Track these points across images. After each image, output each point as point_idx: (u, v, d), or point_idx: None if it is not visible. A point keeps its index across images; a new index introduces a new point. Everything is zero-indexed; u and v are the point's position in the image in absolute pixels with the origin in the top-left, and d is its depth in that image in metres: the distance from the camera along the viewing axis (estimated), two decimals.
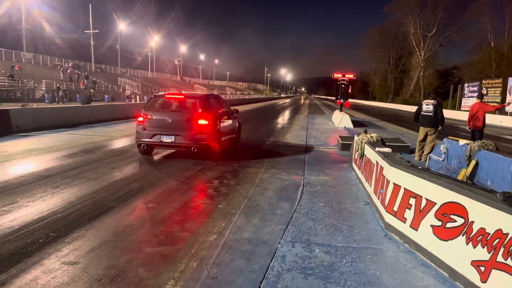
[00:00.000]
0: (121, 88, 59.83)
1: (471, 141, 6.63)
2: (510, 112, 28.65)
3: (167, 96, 9.70)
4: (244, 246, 3.93)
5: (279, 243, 4.06)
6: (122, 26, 69.59)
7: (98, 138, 11.90)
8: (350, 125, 19.15)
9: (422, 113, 9.93)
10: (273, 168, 8.26)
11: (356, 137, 7.31)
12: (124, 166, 7.89)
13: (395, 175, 4.40)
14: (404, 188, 4.16)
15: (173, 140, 8.69)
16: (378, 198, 5.03)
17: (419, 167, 4.18)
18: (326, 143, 12.78)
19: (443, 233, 3.46)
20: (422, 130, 9.93)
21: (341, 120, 19.64)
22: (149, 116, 8.93)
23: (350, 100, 65.14)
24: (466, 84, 38.36)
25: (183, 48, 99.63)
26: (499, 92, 30.83)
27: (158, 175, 7.17)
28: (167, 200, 5.49)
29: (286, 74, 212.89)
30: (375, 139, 6.52)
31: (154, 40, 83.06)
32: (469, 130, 10.73)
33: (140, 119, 8.99)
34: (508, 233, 2.73)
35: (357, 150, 6.80)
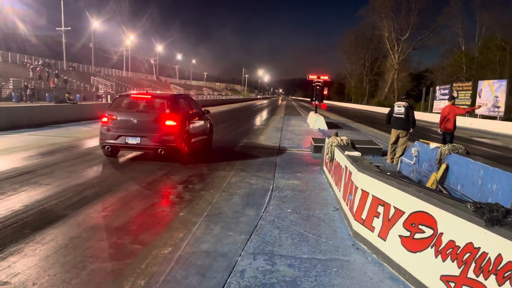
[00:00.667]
0: (94, 87, 58.29)
1: (442, 145, 6.52)
2: (479, 115, 29.34)
3: (133, 96, 9.27)
4: (201, 260, 3.62)
5: (240, 255, 3.76)
6: (96, 24, 67.92)
7: (61, 139, 11.31)
8: (325, 127, 19.08)
9: (393, 115, 9.86)
10: (243, 171, 7.97)
11: (326, 140, 7.10)
12: (84, 170, 7.43)
13: (363, 181, 4.18)
14: (372, 195, 3.94)
15: (139, 142, 8.29)
16: (347, 204, 4.81)
17: (388, 173, 3.97)
18: (299, 145, 12.58)
19: (412, 244, 3.24)
20: (394, 133, 9.85)
21: (315, 121, 19.55)
22: (114, 117, 8.49)
23: (326, 102, 65.59)
24: (437, 87, 39.15)
25: (159, 48, 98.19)
26: (469, 95, 31.55)
27: (119, 179, 6.76)
28: (124, 208, 5.11)
29: (263, 75, 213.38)
30: (345, 142, 6.32)
31: (130, 39, 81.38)
32: (440, 132, 10.72)
33: (104, 119, 8.55)
34: (479, 247, 2.53)
35: (327, 154, 6.59)
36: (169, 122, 8.39)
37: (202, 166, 8.35)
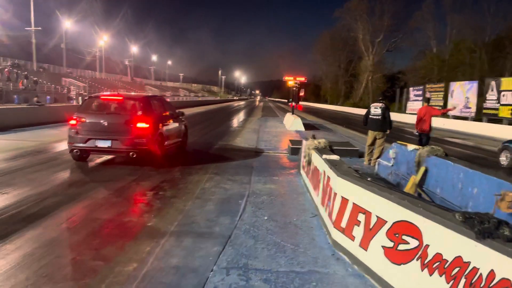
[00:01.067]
0: (66, 89, 56.58)
1: (420, 147, 6.41)
2: (452, 115, 29.98)
3: (103, 97, 8.83)
4: (169, 277, 3.31)
5: (212, 270, 3.47)
6: (68, 24, 66.05)
7: (26, 144, 10.70)
8: (302, 128, 18.96)
9: (370, 116, 9.76)
10: (218, 175, 7.67)
11: (304, 142, 6.89)
12: (48, 177, 6.96)
13: (343, 187, 3.97)
14: (353, 203, 3.73)
15: (110, 145, 7.88)
16: (326, 211, 4.59)
17: (369, 179, 3.76)
18: (276, 147, 12.37)
19: (395, 256, 3.03)
20: (371, 134, 9.75)
21: (292, 123, 19.42)
22: (83, 119, 8.06)
23: (303, 103, 65.57)
24: (411, 88, 39.90)
25: (134, 48, 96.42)
26: (442, 96, 32.23)
27: (85, 186, 6.34)
28: (87, 219, 4.73)
29: (240, 77, 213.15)
30: (323, 145, 6.12)
31: (104, 40, 79.50)
32: (417, 133, 10.74)
33: (73, 122, 8.10)
34: (469, 262, 2.33)
35: (305, 157, 6.38)
36: (141, 125, 8.02)
37: (176, 170, 8.00)
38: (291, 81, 22.94)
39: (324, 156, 5.07)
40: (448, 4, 53.17)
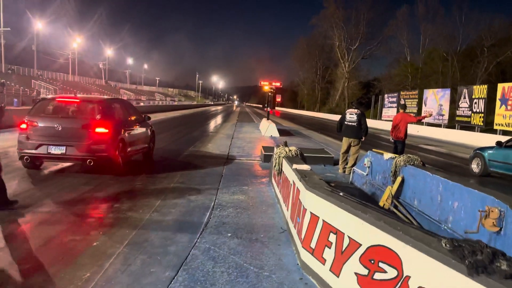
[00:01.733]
0: (35, 91, 54.58)
1: (396, 155, 6.07)
2: (425, 122, 30.33)
3: (58, 99, 8.16)
4: None
5: None
6: (40, 25, 63.95)
7: None
8: (277, 134, 18.60)
9: (345, 123, 9.45)
10: (184, 184, 7.14)
11: (275, 150, 6.45)
12: None
13: (312, 202, 3.53)
14: (323, 221, 3.29)
15: (64, 152, 7.24)
16: (295, 227, 4.14)
17: (341, 193, 3.34)
18: (249, 154, 11.91)
19: (371, 286, 2.60)
20: (346, 141, 9.43)
21: (267, 129, 19.04)
22: (35, 123, 7.39)
23: (280, 108, 65.33)
24: (386, 95, 40.34)
25: (109, 51, 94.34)
26: (416, 103, 32.62)
27: (31, 198, 5.69)
28: (23, 238, 4.12)
29: (218, 82, 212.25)
30: (293, 153, 5.69)
31: (77, 42, 77.29)
32: (392, 141, 10.48)
33: (23, 126, 7.42)
34: None
35: (275, 165, 5.93)
36: (99, 129, 7.42)
37: (137, 179, 7.42)
38: (266, 86, 22.60)
39: (294, 165, 4.63)
40: (421, 13, 54.48)
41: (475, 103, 23.80)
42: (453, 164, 13.70)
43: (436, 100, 29.16)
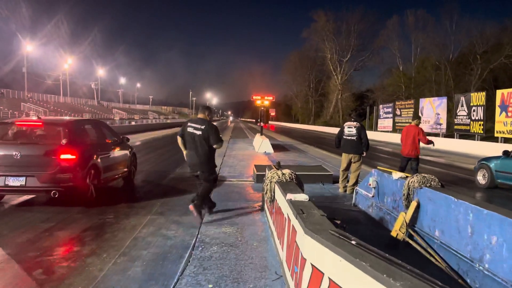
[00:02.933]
0: (24, 114, 53.59)
1: (408, 175, 5.20)
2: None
3: (18, 123, 7.25)
4: None
5: None
6: (29, 48, 63.33)
7: None
8: (271, 150, 17.70)
9: (344, 137, 8.60)
10: (162, 216, 6.20)
11: (266, 173, 5.55)
12: None
13: (314, 252, 2.62)
14: (330, 279, 2.38)
15: (24, 183, 6.30)
16: (292, 277, 3.22)
17: (353, 241, 2.43)
18: (241, 174, 11.00)
19: None
20: (345, 157, 8.57)
21: (261, 144, 18.14)
22: None
23: (274, 123, 64.58)
24: (381, 106, 39.76)
25: (100, 71, 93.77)
26: (412, 112, 31.96)
27: None
28: None
29: (212, 98, 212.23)
30: (287, 177, 4.79)
31: (68, 63, 76.57)
32: (403, 158, 9.07)
33: None
34: None
35: (266, 192, 5.02)
36: (65, 156, 6.50)
37: (110, 210, 6.46)
38: (259, 100, 21.82)
39: (289, 196, 3.73)
40: (411, 23, 54.44)
41: (474, 110, 23.14)
42: (459, 176, 12.85)
43: (432, 109, 28.52)
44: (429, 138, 9.37)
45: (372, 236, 5.27)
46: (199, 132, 5.80)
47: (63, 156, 6.48)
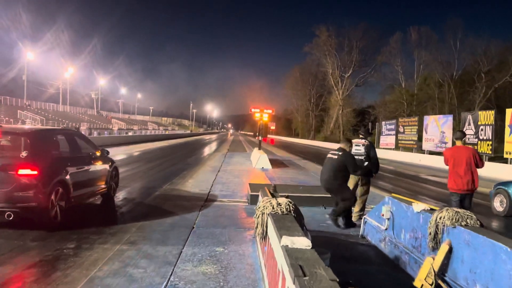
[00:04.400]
0: (20, 121, 52.76)
1: (433, 207, 4.20)
2: (427, 151, 28.68)
3: None
4: None
5: None
6: (30, 55, 62.82)
7: None
8: (268, 166, 16.70)
9: None
10: (134, 245, 5.18)
11: (260, 197, 4.55)
12: None
13: None
14: None
15: None
16: None
17: None
18: (234, 193, 9.98)
19: None
20: (352, 179, 7.55)
21: (258, 160, 17.14)
22: None
23: (274, 136, 63.71)
24: (383, 122, 38.82)
25: (101, 81, 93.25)
26: (416, 130, 31.08)
27: None
28: None
29: (212, 110, 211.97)
30: (284, 209, 3.77)
31: (69, 72, 76.00)
32: (455, 195, 6.28)
33: None
34: None
35: (257, 226, 4.00)
36: (24, 171, 5.52)
37: (74, 236, 5.44)
38: (257, 113, 20.94)
39: (284, 239, 2.72)
40: (414, 40, 53.93)
41: (482, 129, 22.18)
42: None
43: (438, 127, 27.58)
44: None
45: (388, 282, 4.26)
46: (335, 157, 6.54)
47: (21, 171, 5.51)
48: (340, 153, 6.53)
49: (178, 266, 4.44)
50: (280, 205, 3.77)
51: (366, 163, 7.19)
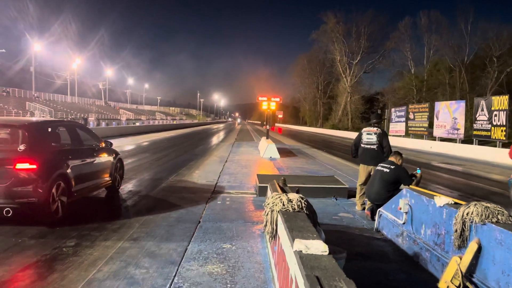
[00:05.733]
0: (28, 113, 52.97)
1: (458, 202, 3.86)
2: (438, 137, 28.09)
3: None
4: None
5: None
6: (38, 47, 62.78)
7: None
8: (277, 155, 16.38)
9: (362, 145, 7.29)
10: (137, 243, 4.92)
11: (266, 199, 4.24)
12: None
13: None
14: None
15: None
16: None
17: None
18: (242, 184, 9.70)
19: None
20: (364, 169, 7.23)
21: (266, 149, 16.82)
22: None
23: (282, 125, 63.38)
24: (393, 109, 38.09)
25: (109, 72, 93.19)
26: (426, 116, 30.44)
27: None
28: None
29: (219, 100, 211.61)
30: (296, 206, 3.45)
31: (76, 63, 75.92)
32: None
33: None
34: None
35: (266, 224, 3.69)
36: (22, 165, 5.28)
37: (75, 233, 5.20)
38: (265, 102, 20.54)
39: (297, 243, 2.41)
40: (424, 24, 52.73)
41: (495, 115, 21.56)
42: (484, 188, 11.40)
43: (449, 113, 26.91)
44: None
45: (409, 282, 3.94)
46: (386, 170, 6.17)
47: (19, 166, 5.26)
48: (392, 167, 6.15)
49: (182, 266, 4.17)
50: (291, 202, 3.45)
51: (385, 156, 6.86)
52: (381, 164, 6.38)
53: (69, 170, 6.06)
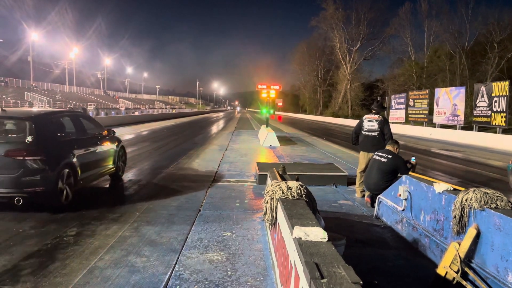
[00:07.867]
0: (27, 103, 52.83)
1: (456, 188, 3.87)
2: (438, 124, 28.06)
3: None
4: None
5: None
6: (35, 36, 62.32)
7: None
8: (276, 143, 16.37)
9: (363, 132, 7.28)
10: (138, 231, 4.95)
11: (266, 187, 4.24)
12: None
13: None
14: None
15: None
16: None
17: None
18: (242, 172, 9.72)
19: None
20: (364, 156, 7.23)
21: (266, 137, 16.80)
22: None
23: (282, 113, 63.12)
24: (393, 96, 37.96)
25: (107, 61, 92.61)
26: (426, 103, 30.36)
27: None
28: None
29: (219, 88, 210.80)
30: (295, 193, 3.46)
31: (74, 52, 75.36)
32: None
33: None
34: None
35: (265, 212, 3.71)
36: (30, 156, 5.35)
37: (76, 222, 5.23)
38: (264, 89, 20.45)
39: (297, 230, 2.42)
40: (424, 10, 52.20)
41: (496, 101, 21.50)
42: (483, 174, 11.42)
43: (449, 99, 26.82)
44: None
45: (408, 268, 3.97)
46: (384, 160, 6.10)
47: (28, 157, 5.31)
48: (390, 157, 6.06)
49: (183, 254, 4.20)
50: (291, 189, 3.46)
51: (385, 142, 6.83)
52: (378, 153, 6.29)
53: (74, 160, 6.11)
